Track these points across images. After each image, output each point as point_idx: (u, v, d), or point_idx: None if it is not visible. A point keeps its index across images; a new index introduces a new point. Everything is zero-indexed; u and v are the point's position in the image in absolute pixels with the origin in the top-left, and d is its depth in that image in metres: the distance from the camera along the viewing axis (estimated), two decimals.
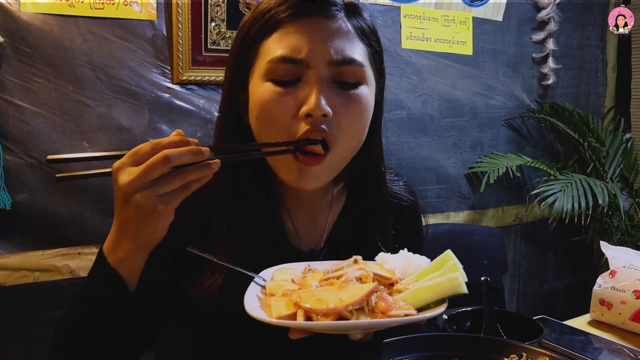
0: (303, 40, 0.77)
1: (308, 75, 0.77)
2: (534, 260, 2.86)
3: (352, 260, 0.79)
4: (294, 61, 0.77)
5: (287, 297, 0.70)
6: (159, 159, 0.64)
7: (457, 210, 2.54)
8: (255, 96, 0.80)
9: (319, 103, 0.75)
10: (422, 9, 2.32)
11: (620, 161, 2.66)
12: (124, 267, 0.72)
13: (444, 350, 0.81)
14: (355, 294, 0.67)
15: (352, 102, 0.80)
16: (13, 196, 1.61)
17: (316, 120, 0.77)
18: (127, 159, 0.66)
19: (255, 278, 0.77)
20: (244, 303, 0.69)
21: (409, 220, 1.02)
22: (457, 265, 0.72)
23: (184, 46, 1.80)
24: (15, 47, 1.59)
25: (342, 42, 0.79)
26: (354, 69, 0.80)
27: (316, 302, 0.66)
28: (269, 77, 0.78)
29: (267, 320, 0.65)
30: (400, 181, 1.03)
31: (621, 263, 1.35)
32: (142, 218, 0.66)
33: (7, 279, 1.63)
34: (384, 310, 0.67)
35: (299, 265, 0.83)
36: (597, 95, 2.98)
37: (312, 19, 0.79)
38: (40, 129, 1.64)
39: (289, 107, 0.77)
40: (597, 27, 2.90)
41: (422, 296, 0.70)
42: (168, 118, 1.82)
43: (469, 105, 2.51)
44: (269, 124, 0.79)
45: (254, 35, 0.81)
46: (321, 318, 0.65)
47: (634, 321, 1.26)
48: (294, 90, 0.77)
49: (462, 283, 0.69)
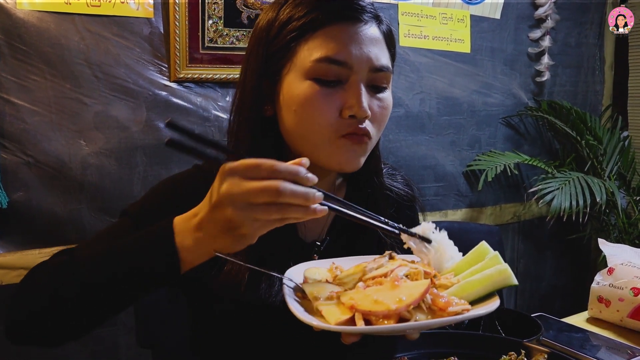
0: (348, 45, 0.82)
1: (352, 78, 0.82)
2: (532, 258, 2.87)
3: (387, 256, 0.77)
4: (340, 63, 0.81)
5: (334, 300, 0.68)
6: (271, 188, 0.60)
7: (455, 208, 2.54)
8: (294, 92, 0.83)
9: (363, 106, 0.81)
10: (420, 7, 2.32)
11: (617, 159, 2.66)
12: (187, 254, 0.69)
13: (442, 348, 0.81)
14: (413, 293, 0.64)
15: (382, 105, 0.86)
16: (10, 195, 1.61)
17: (359, 121, 0.83)
18: (241, 168, 0.62)
19: (284, 280, 0.74)
20: (290, 310, 0.66)
21: (406, 212, 1.05)
22: (499, 257, 0.72)
23: (181, 44, 1.80)
24: (11, 45, 1.58)
25: (379, 49, 0.85)
26: (386, 75, 0.86)
27: (373, 303, 0.64)
28: (311, 76, 0.82)
29: (329, 328, 0.63)
30: (398, 175, 1.07)
31: (619, 260, 1.35)
32: (225, 229, 0.64)
33: (4, 278, 1.62)
34: (442, 307, 0.65)
35: (323, 262, 0.81)
36: (595, 93, 2.98)
37: (352, 24, 0.83)
38: (36, 127, 1.63)
39: (334, 107, 0.82)
40: (594, 25, 2.90)
41: (472, 290, 0.69)
42: (165, 116, 1.81)
43: (466, 103, 2.51)
44: (311, 121, 0.83)
45: (289, 35, 0.84)
46: (381, 320, 0.63)
47: (631, 318, 1.26)
48: (337, 91, 0.82)
49: (512, 274, 0.69)
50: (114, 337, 1.78)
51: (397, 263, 0.74)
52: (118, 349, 1.79)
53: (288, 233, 0.90)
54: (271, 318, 0.84)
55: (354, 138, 0.83)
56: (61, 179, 1.67)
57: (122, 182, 1.76)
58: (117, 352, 1.79)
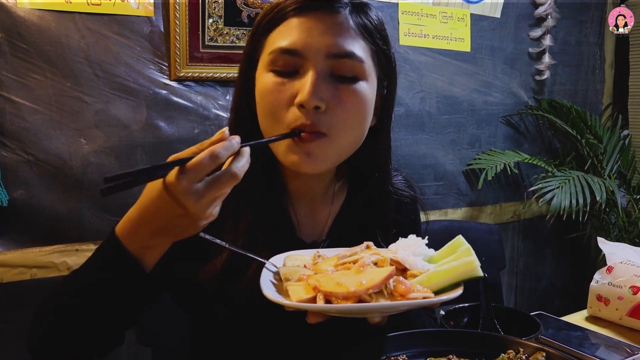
0: (303, 34, 0.80)
1: (305, 67, 0.80)
2: (532, 257, 2.87)
3: (364, 245, 0.80)
4: (292, 52, 0.80)
5: (303, 282, 0.70)
6: (205, 156, 0.62)
7: (455, 207, 2.54)
8: (258, 86, 0.84)
9: (311, 94, 0.77)
10: (420, 6, 2.32)
11: (617, 158, 2.66)
12: (146, 254, 0.70)
13: (441, 346, 0.81)
14: (374, 278, 0.67)
15: (346, 96, 0.81)
16: (10, 193, 1.61)
17: (309, 112, 0.79)
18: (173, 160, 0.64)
19: (267, 264, 0.77)
20: (261, 288, 0.69)
21: (408, 214, 1.03)
22: (470, 250, 0.73)
23: (181, 42, 1.80)
24: (12, 43, 1.58)
25: (342, 36, 0.81)
26: (353, 64, 0.81)
27: (336, 285, 0.66)
28: (270, 68, 0.82)
29: (287, 304, 0.65)
30: (399, 176, 1.05)
31: (618, 259, 1.35)
32: (184, 217, 0.65)
33: (5, 276, 1.62)
34: (403, 293, 0.67)
35: (308, 252, 0.83)
36: (595, 92, 2.98)
37: (315, 14, 0.81)
38: (37, 125, 1.63)
39: (286, 97, 0.80)
40: (594, 24, 2.90)
41: (438, 280, 0.70)
42: (165, 114, 1.81)
43: (466, 102, 2.51)
44: (268, 113, 0.82)
45: (262, 29, 0.85)
46: (341, 301, 0.65)
47: (631, 317, 1.26)
48: (291, 81, 0.80)
49: (477, 266, 0.70)
50: None
51: (371, 252, 0.76)
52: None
53: (287, 233, 0.91)
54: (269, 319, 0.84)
55: (305, 136, 0.79)
56: (61, 177, 1.68)
57: None
58: (117, 349, 1.79)
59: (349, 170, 0.98)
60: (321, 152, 0.81)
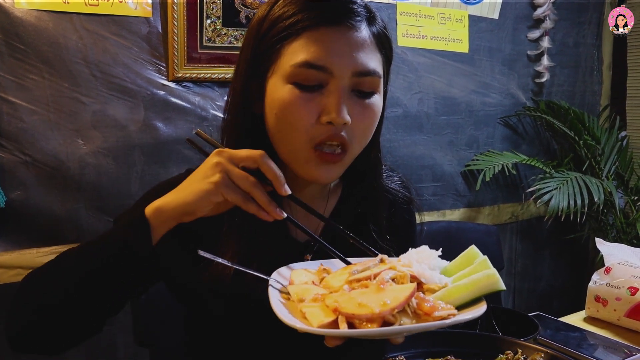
0: (329, 49, 0.80)
1: (331, 83, 0.80)
2: (530, 258, 2.87)
3: (377, 259, 0.75)
4: (319, 68, 0.79)
5: (319, 302, 0.67)
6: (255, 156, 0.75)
7: (453, 208, 2.54)
8: (275, 96, 0.82)
9: (341, 113, 0.79)
10: (419, 7, 2.32)
11: (615, 159, 2.66)
12: (155, 215, 0.76)
13: (439, 347, 0.81)
14: (398, 296, 0.63)
15: (367, 111, 0.84)
16: (7, 194, 1.60)
17: (337, 128, 0.81)
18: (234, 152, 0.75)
19: (270, 281, 0.74)
20: (274, 311, 0.66)
21: (403, 214, 1.04)
22: (487, 262, 0.70)
23: (179, 43, 1.79)
24: (9, 44, 1.58)
25: (365, 53, 0.82)
26: (373, 80, 0.83)
27: (358, 306, 0.62)
28: (291, 80, 0.81)
29: (312, 330, 0.61)
30: (395, 177, 1.05)
31: (616, 260, 1.35)
32: (200, 176, 0.74)
33: (2, 277, 1.62)
34: (428, 312, 0.63)
35: (311, 264, 0.81)
36: (593, 94, 2.98)
37: (337, 29, 0.81)
38: (34, 126, 1.63)
39: (311, 113, 0.80)
40: (592, 25, 2.90)
41: (459, 295, 0.67)
42: (163, 115, 1.81)
43: (465, 103, 2.51)
44: (289, 126, 0.82)
45: (276, 36, 0.83)
46: (365, 323, 0.62)
47: (629, 317, 1.26)
48: (316, 97, 0.80)
49: (499, 279, 0.68)
50: (111, 335, 1.77)
51: (385, 266, 0.72)
52: (115, 347, 1.79)
53: (280, 232, 0.90)
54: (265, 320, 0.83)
55: (327, 157, 0.82)
56: (59, 178, 1.67)
57: (119, 181, 1.76)
58: (115, 350, 1.79)
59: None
60: (341, 164, 0.84)
